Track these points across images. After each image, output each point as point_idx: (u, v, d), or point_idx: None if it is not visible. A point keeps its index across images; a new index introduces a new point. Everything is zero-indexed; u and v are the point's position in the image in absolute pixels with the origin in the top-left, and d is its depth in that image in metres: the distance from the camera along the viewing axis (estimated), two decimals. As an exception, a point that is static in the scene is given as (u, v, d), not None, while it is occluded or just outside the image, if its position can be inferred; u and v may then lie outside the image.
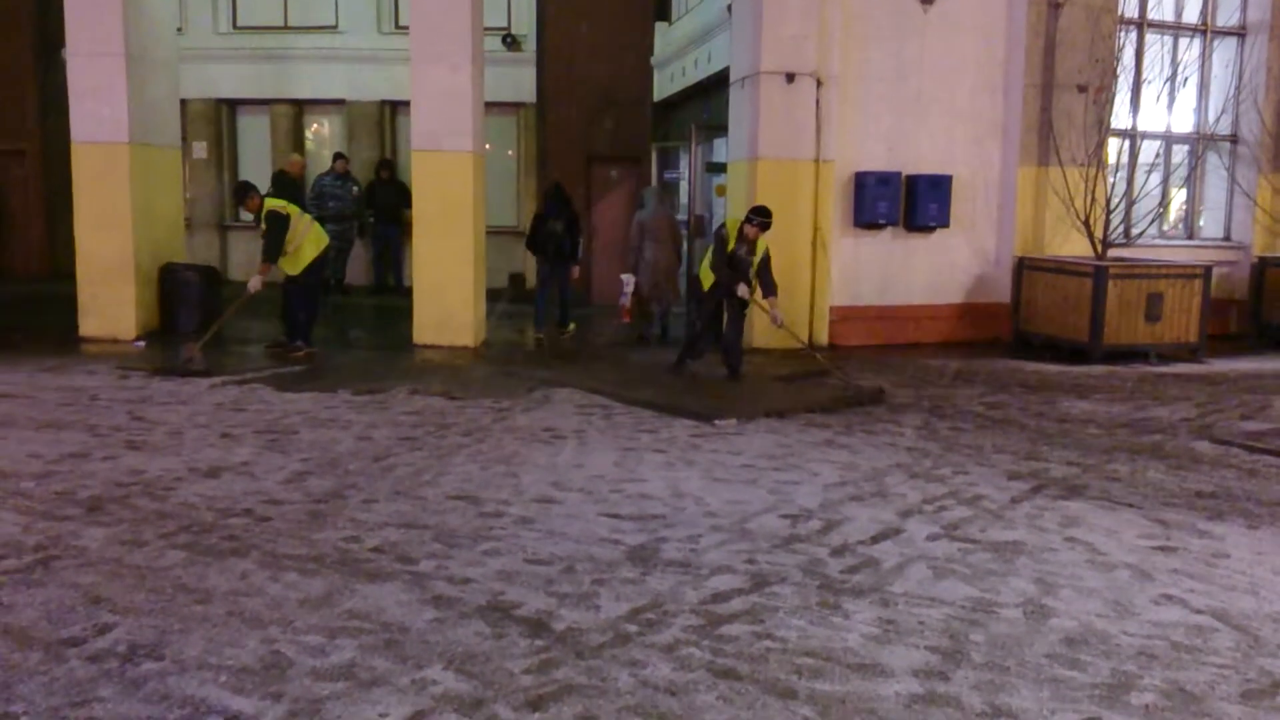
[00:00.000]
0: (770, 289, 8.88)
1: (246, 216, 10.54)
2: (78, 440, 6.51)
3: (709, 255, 9.10)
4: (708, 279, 9.02)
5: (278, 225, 9.44)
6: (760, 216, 8.76)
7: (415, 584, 4.21)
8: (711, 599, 4.12)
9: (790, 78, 10.62)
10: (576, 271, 11.83)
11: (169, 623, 3.80)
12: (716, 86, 13.18)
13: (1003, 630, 3.87)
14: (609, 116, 14.87)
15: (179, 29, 13.71)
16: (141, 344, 10.32)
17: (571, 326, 11.81)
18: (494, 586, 4.20)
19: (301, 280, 9.79)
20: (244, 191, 9.68)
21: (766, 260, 8.87)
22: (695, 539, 4.85)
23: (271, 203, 9.59)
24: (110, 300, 10.50)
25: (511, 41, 16.23)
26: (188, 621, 3.81)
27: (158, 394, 8.03)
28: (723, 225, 9.19)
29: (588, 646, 3.65)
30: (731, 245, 8.83)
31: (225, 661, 3.48)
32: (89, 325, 10.56)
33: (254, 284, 9.45)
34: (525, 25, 16.23)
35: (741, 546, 4.76)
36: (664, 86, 16.13)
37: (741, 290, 8.83)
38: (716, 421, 7.35)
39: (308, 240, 9.68)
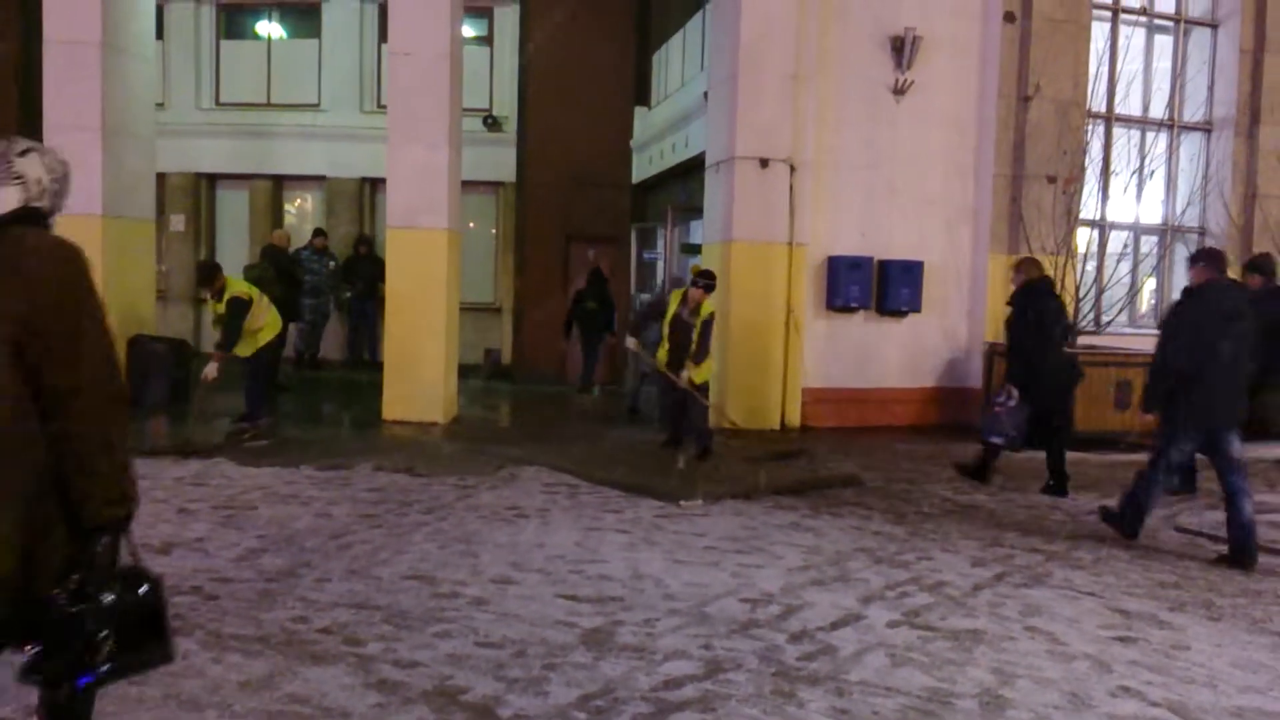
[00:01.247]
0: (700, 355, 8.98)
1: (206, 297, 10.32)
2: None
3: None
4: (663, 357, 9.21)
5: (239, 311, 9.21)
6: (705, 279, 9.04)
7: (361, 667, 4.11)
8: (664, 685, 4.03)
9: (764, 163, 10.77)
10: (612, 340, 13.61)
11: (103, 705, 3.66)
12: (693, 170, 13.37)
13: (958, 722, 3.79)
14: (588, 197, 15.02)
15: (160, 104, 13.86)
16: (107, 415, 10.19)
17: (595, 390, 13.35)
18: (442, 670, 4.10)
19: (253, 358, 9.56)
20: (212, 273, 9.46)
21: (708, 324, 8.95)
22: (652, 622, 4.77)
23: (235, 287, 9.39)
24: (77, 371, 10.40)
25: (492, 122, 16.46)
26: (122, 703, 3.69)
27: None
28: (668, 292, 9.39)
29: (532, 734, 3.56)
30: (673, 310, 8.99)
31: (154, 746, 3.37)
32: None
33: (210, 371, 9.15)
34: (506, 107, 16.47)
35: (699, 631, 4.68)
36: (643, 169, 16.35)
37: (630, 344, 9.39)
38: (682, 502, 7.29)
39: (266, 325, 9.57)
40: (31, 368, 2.41)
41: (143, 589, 2.69)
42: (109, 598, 2.55)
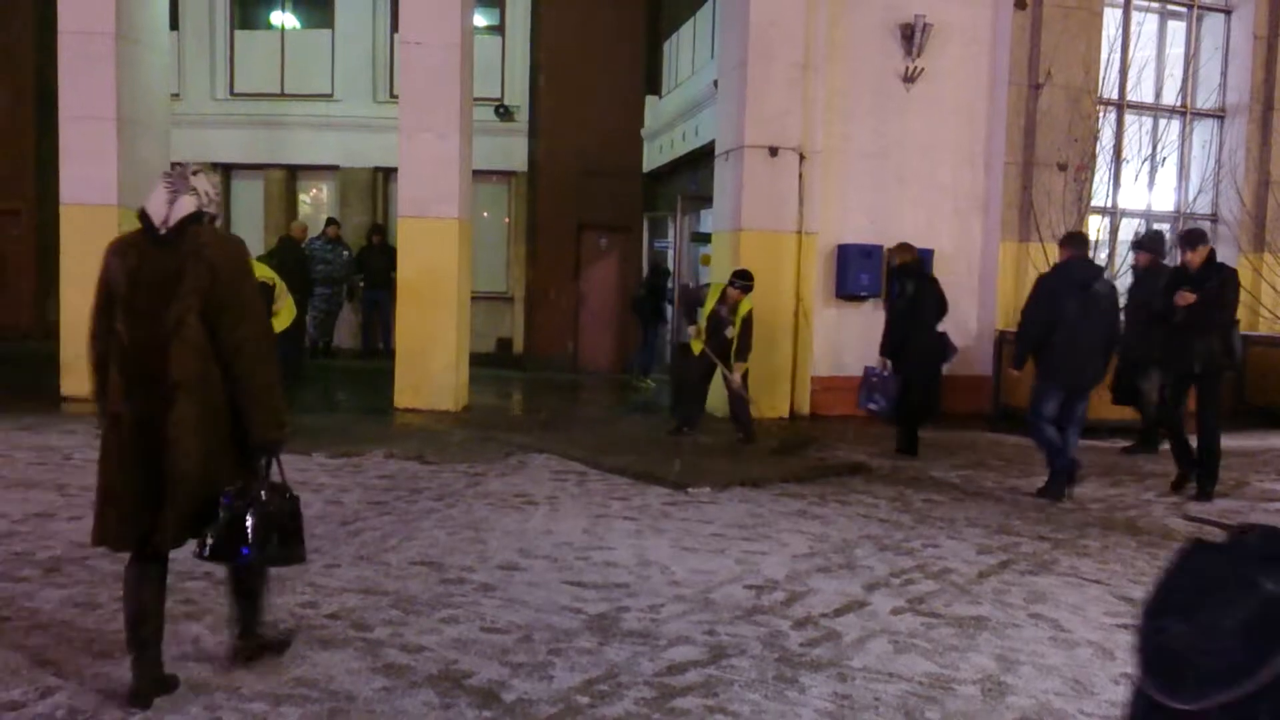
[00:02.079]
0: (743, 353, 9.20)
1: None
2: (45, 500, 6.48)
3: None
4: (697, 346, 9.30)
5: (264, 295, 9.44)
6: (742, 280, 9.11)
7: (368, 651, 4.16)
8: (667, 671, 4.07)
9: (774, 151, 10.77)
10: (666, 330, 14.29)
11: (113, 688, 3.75)
12: (703, 159, 13.36)
13: (959, 708, 3.82)
14: (599, 186, 15.04)
15: (175, 94, 13.93)
16: (122, 404, 10.29)
17: (649, 383, 13.54)
18: (448, 655, 4.15)
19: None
20: None
21: (747, 323, 9.09)
22: (657, 609, 4.81)
23: (261, 272, 9.59)
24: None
25: (504, 112, 16.48)
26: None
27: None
28: (705, 286, 9.46)
29: (536, 718, 3.60)
30: (710, 306, 9.12)
31: (164, 728, 3.43)
32: (71, 384, 10.54)
33: None
34: (518, 96, 16.49)
35: (703, 617, 4.72)
36: (653, 158, 16.35)
37: (691, 332, 9.44)
38: (690, 489, 7.33)
39: (282, 312, 9.66)
40: (211, 326, 3.47)
41: (288, 497, 3.73)
42: (264, 499, 3.58)
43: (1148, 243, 9.55)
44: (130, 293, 3.50)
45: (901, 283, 9.02)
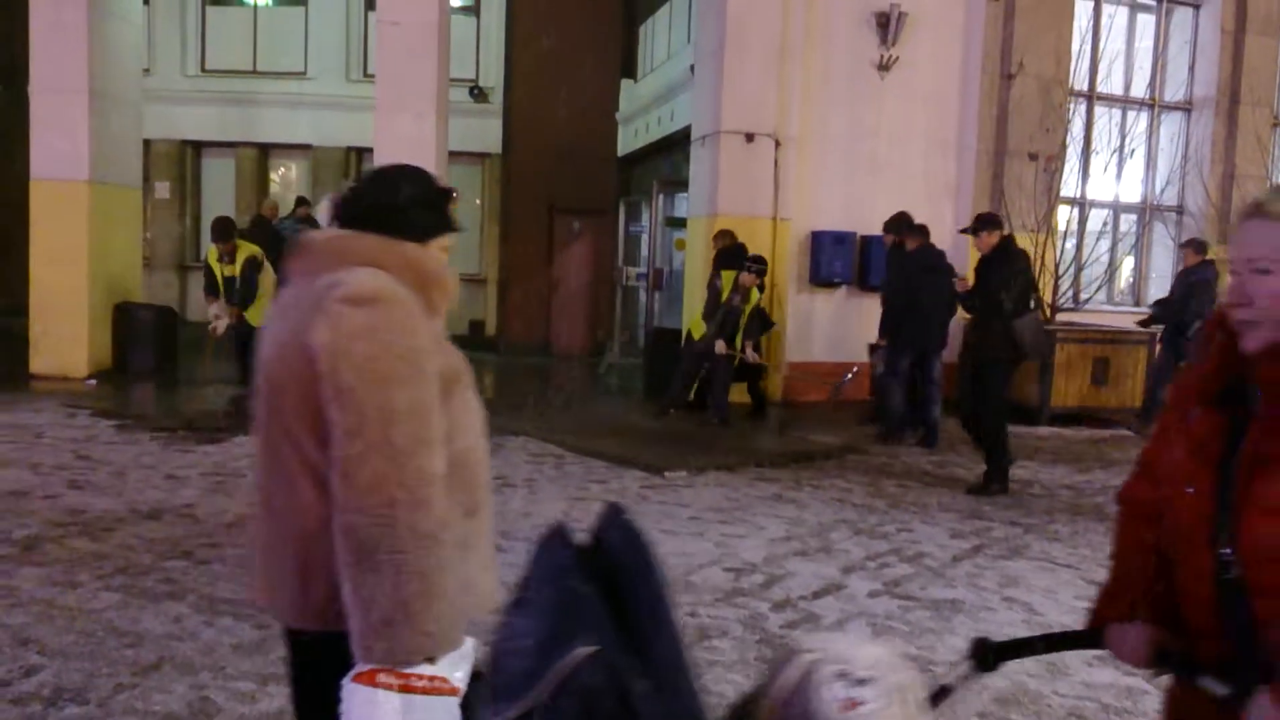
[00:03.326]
0: (751, 335, 9.56)
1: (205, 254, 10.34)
2: (19, 478, 6.43)
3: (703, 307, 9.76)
4: (699, 330, 9.55)
5: (258, 267, 9.55)
6: (757, 264, 9.31)
7: (353, 631, 4.18)
8: (650, 651, 4.12)
9: (750, 137, 10.81)
10: None
11: (97, 666, 3.75)
12: (678, 143, 13.39)
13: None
14: (573, 169, 15.02)
15: (146, 70, 13.75)
16: (93, 383, 10.21)
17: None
18: (432, 635, 4.18)
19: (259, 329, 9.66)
20: (228, 229, 9.64)
21: (759, 308, 9.36)
22: (638, 591, 4.86)
23: (250, 248, 9.66)
24: (62, 337, 10.39)
25: (478, 93, 16.41)
26: (116, 665, 3.76)
27: (104, 433, 7.95)
28: (718, 275, 9.66)
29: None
30: (726, 294, 9.25)
31: (152, 707, 3.45)
32: (39, 363, 10.43)
33: (219, 326, 9.49)
34: (493, 78, 16.42)
35: (684, 599, 4.77)
36: (628, 141, 16.35)
37: (719, 347, 9.46)
38: (666, 473, 7.38)
39: (273, 288, 9.64)
40: None
41: None
42: None
43: (891, 225, 9.71)
44: None
45: (715, 269, 9.79)
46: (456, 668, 1.71)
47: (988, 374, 7.28)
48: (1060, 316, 11.26)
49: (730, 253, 9.78)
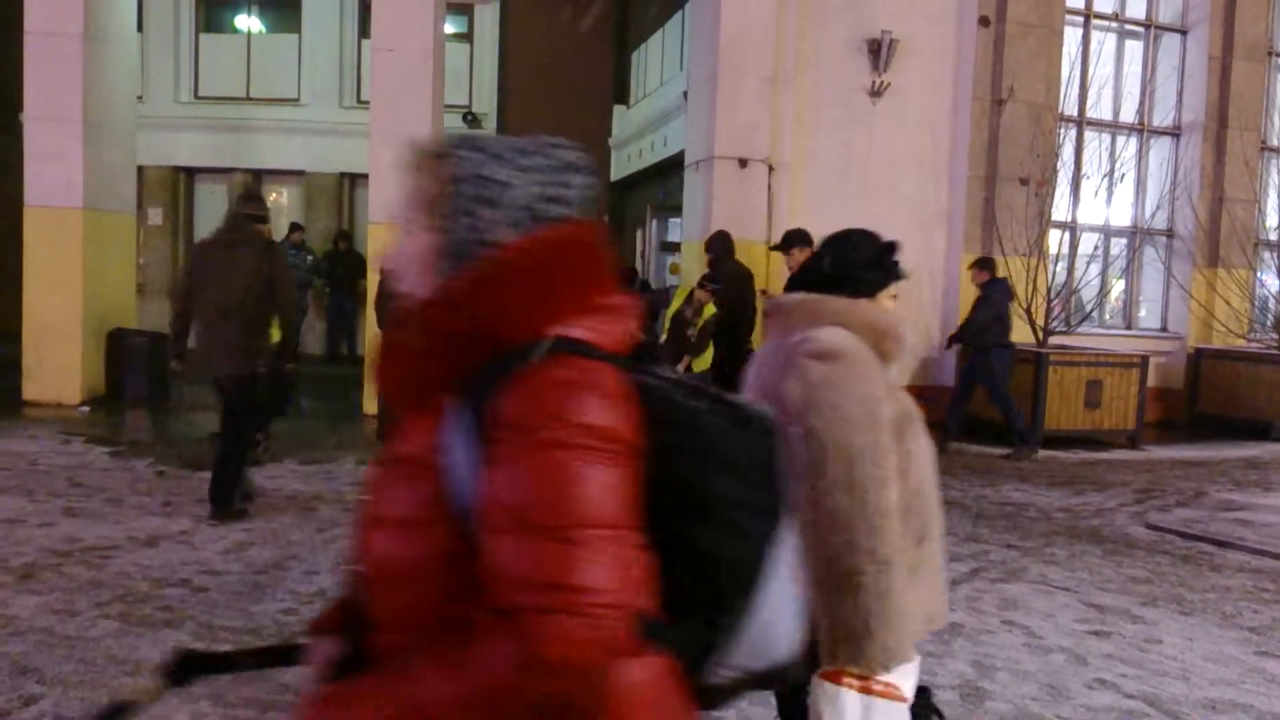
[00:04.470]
0: (696, 350, 9.09)
1: None
2: (14, 506, 6.39)
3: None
4: (700, 364, 9.45)
5: None
6: (713, 283, 9.10)
7: (353, 658, 4.16)
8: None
9: (743, 163, 10.88)
10: None
11: (96, 695, 3.73)
12: (672, 168, 13.46)
13: (938, 712, 3.90)
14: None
15: (139, 97, 13.78)
16: (86, 409, 10.17)
17: None
18: (433, 661, 4.16)
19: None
20: None
21: (709, 325, 9.10)
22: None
23: None
24: (55, 364, 10.36)
25: (472, 119, 16.48)
26: (116, 694, 3.74)
27: (99, 460, 7.92)
28: (677, 288, 9.60)
29: None
30: (676, 305, 9.16)
31: (154, 735, 3.42)
32: (32, 389, 10.39)
33: None
34: (486, 104, 16.49)
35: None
36: (621, 166, 16.43)
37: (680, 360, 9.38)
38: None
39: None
40: None
41: None
42: None
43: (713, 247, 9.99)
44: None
45: None
46: (907, 678, 1.99)
47: None
48: (1052, 340, 11.31)
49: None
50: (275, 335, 6.93)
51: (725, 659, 1.34)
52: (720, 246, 9.71)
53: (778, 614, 1.36)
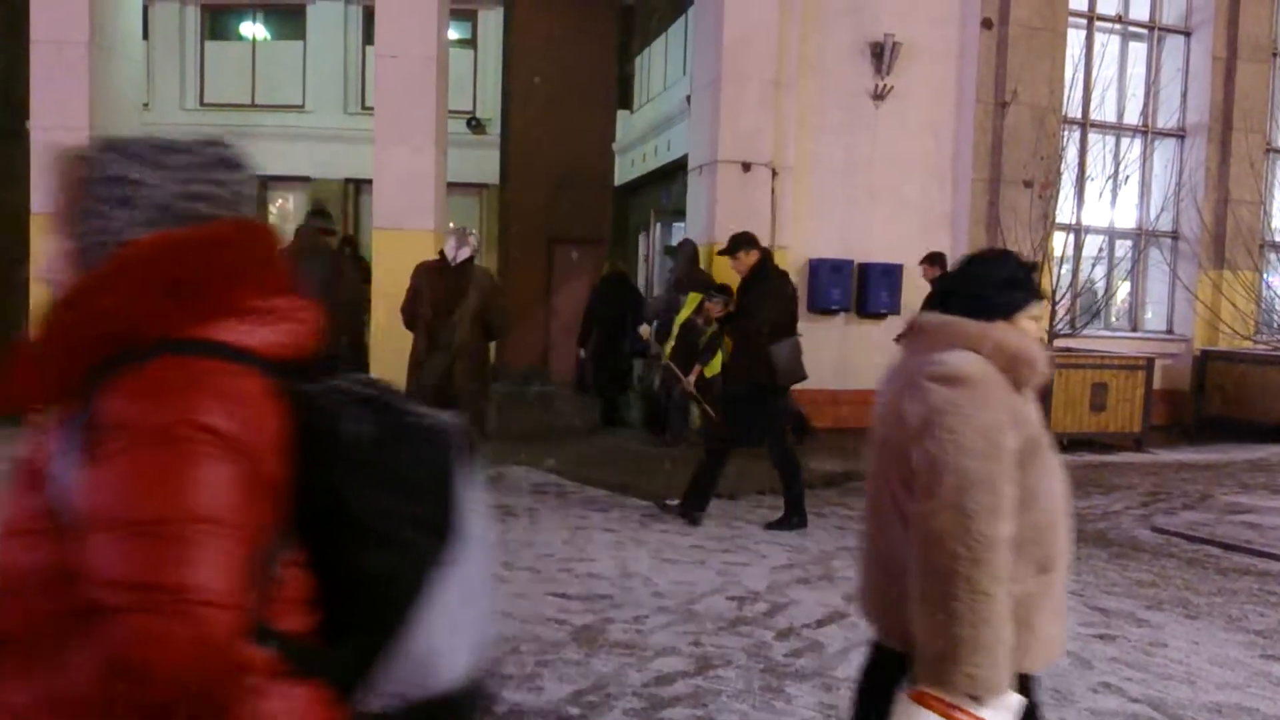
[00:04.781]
0: (708, 356, 9.15)
1: None
2: (19, 513, 6.41)
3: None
4: (711, 370, 9.46)
5: None
6: (722, 294, 9.04)
7: (357, 663, 4.17)
8: (655, 681, 4.12)
9: (746, 167, 10.88)
10: None
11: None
12: (675, 173, 13.46)
13: (942, 715, 3.90)
14: (570, 199, 15.10)
15: (145, 105, 13.84)
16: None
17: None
18: (437, 667, 4.17)
19: None
20: None
21: (717, 336, 9.09)
22: (641, 620, 4.86)
23: None
24: (61, 371, 10.38)
25: (476, 124, 16.52)
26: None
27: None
28: (687, 294, 9.51)
29: (528, 729, 3.64)
30: (686, 314, 9.16)
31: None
32: (38, 395, 10.41)
33: None
34: (490, 109, 16.53)
35: (687, 628, 4.77)
36: (625, 171, 16.44)
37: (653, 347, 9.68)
38: (667, 501, 7.37)
39: None
40: (485, 326, 6.98)
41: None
42: None
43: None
44: (433, 295, 6.78)
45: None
46: (1000, 716, 1.91)
47: (748, 402, 6.85)
48: (1057, 342, 11.29)
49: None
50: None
51: (381, 685, 1.26)
52: (686, 258, 9.96)
53: (443, 639, 1.29)
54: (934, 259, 10.10)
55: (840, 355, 11.49)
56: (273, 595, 1.22)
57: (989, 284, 2.21)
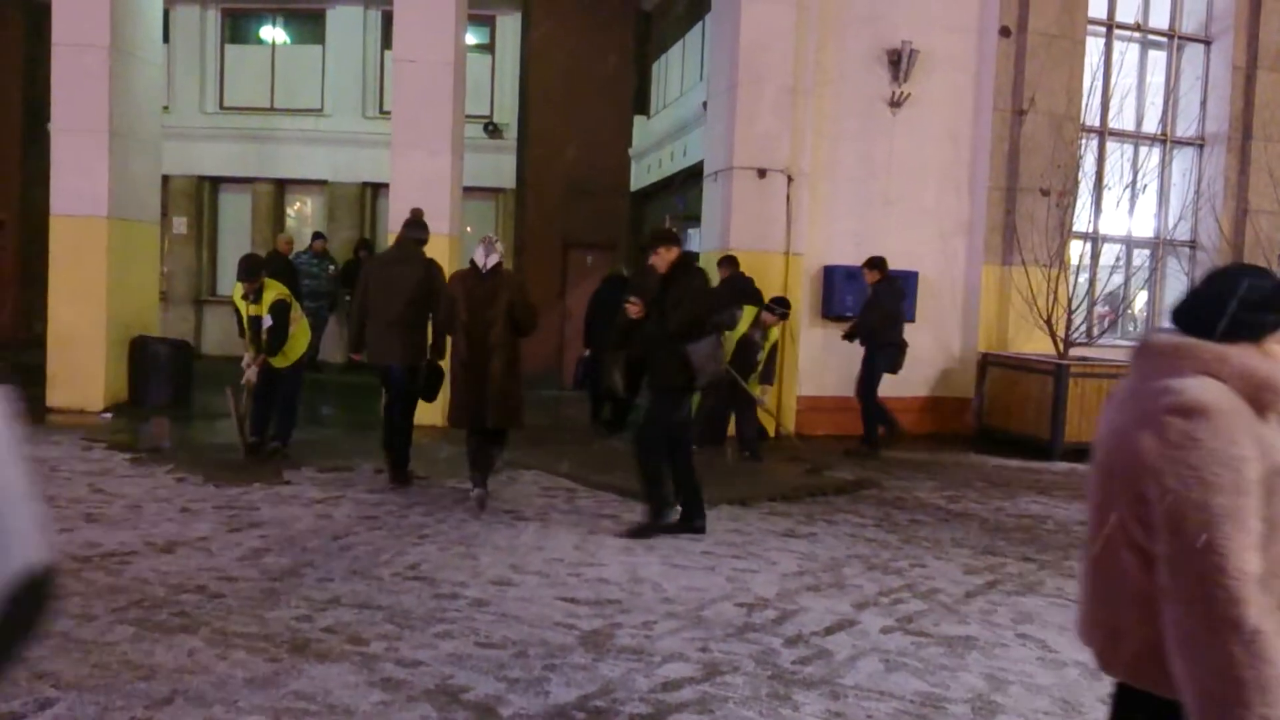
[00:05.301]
0: (769, 377, 9.43)
1: (226, 292, 10.03)
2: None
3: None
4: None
5: (285, 312, 8.60)
6: (781, 307, 9.20)
7: (364, 665, 4.19)
8: (662, 687, 4.12)
9: (762, 173, 10.88)
10: None
11: (111, 699, 3.77)
12: (691, 179, 13.48)
13: (949, 725, 3.89)
14: (586, 204, 15.12)
15: (165, 108, 13.94)
16: (109, 416, 10.28)
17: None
18: (444, 670, 4.19)
19: (289, 372, 8.86)
20: (254, 268, 8.53)
21: (775, 349, 9.37)
22: (650, 625, 4.86)
23: (278, 289, 8.68)
24: (79, 371, 10.48)
25: (493, 129, 16.56)
26: (130, 699, 3.78)
27: (120, 467, 8.00)
28: (740, 308, 9.34)
29: (534, 732, 3.64)
30: (743, 329, 9.13)
31: (165, 740, 3.45)
32: (56, 396, 10.51)
33: (251, 375, 8.64)
34: (507, 114, 16.57)
35: (696, 634, 4.77)
36: (641, 177, 16.46)
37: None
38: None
39: (300, 330, 8.97)
40: (514, 322, 7.07)
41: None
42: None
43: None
44: (468, 301, 7.00)
45: None
46: None
47: (660, 401, 6.69)
48: (1074, 351, 11.24)
49: (731, 282, 9.73)
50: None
51: None
52: (730, 271, 9.96)
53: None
54: (874, 263, 10.17)
55: (854, 362, 11.44)
56: None
57: (1233, 303, 2.04)
